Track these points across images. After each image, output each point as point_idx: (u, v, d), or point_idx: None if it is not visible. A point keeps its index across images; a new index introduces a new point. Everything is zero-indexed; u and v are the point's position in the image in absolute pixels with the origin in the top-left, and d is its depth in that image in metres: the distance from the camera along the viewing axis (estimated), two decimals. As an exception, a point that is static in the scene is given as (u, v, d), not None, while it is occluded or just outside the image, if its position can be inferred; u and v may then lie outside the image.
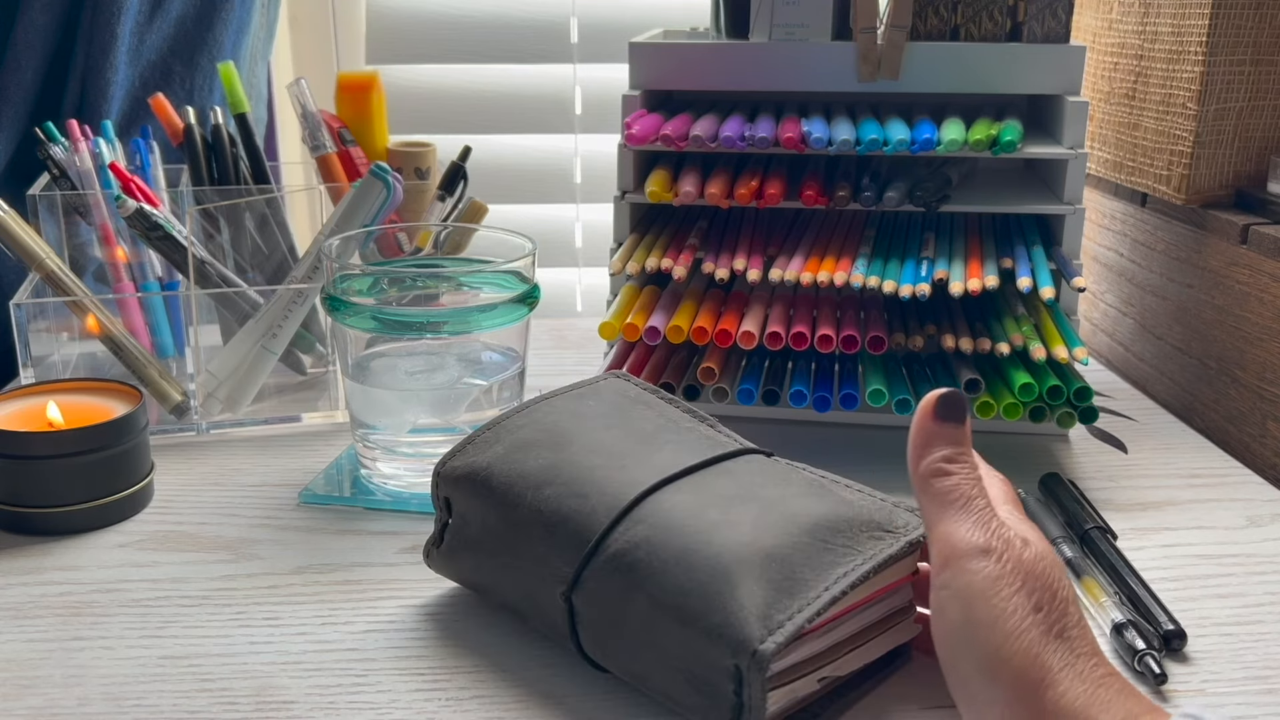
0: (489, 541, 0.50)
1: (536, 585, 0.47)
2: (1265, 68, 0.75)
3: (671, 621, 0.43)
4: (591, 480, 0.48)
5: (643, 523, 0.45)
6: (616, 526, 0.46)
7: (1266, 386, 0.70)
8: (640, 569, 0.44)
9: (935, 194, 0.69)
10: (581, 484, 0.48)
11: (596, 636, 0.46)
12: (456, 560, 0.52)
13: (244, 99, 0.78)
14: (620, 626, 0.45)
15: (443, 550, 0.52)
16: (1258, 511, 0.62)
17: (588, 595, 0.45)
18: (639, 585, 0.44)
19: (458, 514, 0.51)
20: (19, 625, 0.51)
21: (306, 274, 0.71)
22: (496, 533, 0.49)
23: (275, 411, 0.73)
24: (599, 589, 0.45)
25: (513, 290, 0.62)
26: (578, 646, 0.47)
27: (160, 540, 0.59)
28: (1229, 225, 0.74)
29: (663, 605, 0.43)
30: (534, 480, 0.49)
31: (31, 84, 0.86)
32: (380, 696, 0.46)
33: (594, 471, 0.48)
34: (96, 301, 0.70)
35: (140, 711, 0.45)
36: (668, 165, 0.73)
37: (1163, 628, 0.49)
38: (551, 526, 0.47)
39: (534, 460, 0.50)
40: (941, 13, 0.73)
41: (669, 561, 0.44)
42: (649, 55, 0.74)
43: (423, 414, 0.61)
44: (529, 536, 0.48)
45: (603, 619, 0.45)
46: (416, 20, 1.08)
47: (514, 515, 0.48)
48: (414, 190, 0.81)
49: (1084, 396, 0.64)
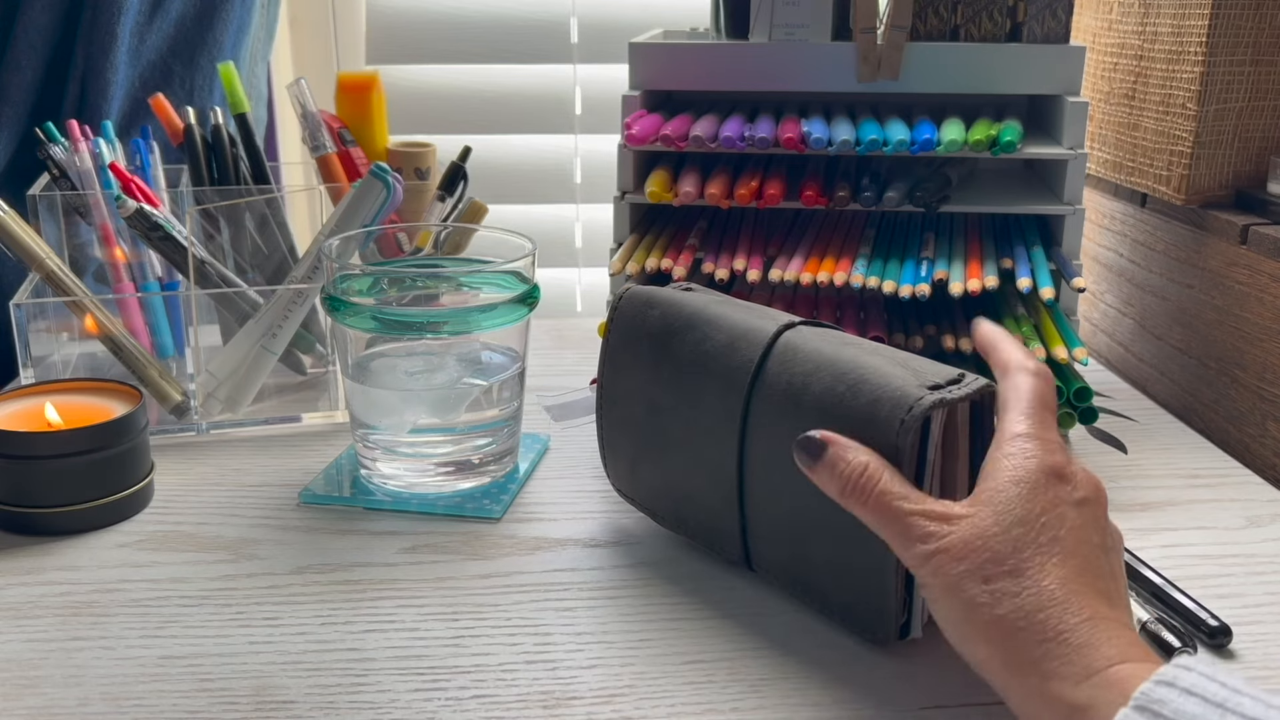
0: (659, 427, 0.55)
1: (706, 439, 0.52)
2: (1265, 68, 0.75)
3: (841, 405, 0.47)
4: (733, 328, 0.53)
5: (787, 351, 0.50)
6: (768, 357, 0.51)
7: (1266, 386, 0.70)
8: (799, 383, 0.49)
9: (935, 194, 0.69)
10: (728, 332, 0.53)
11: (765, 473, 0.50)
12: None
13: (244, 99, 0.78)
14: (794, 435, 0.47)
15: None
16: (1258, 511, 0.62)
17: (757, 423, 0.50)
18: (804, 391, 0.48)
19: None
20: (19, 625, 0.51)
21: (306, 274, 0.71)
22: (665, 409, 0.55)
23: (275, 411, 0.73)
24: (765, 416, 0.50)
25: (513, 290, 0.62)
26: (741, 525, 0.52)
27: (160, 540, 0.59)
28: (1229, 225, 0.74)
29: (831, 393, 0.47)
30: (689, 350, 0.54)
31: (31, 84, 0.86)
32: (380, 696, 0.46)
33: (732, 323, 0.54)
34: (96, 301, 0.70)
35: (140, 711, 0.45)
36: (668, 165, 0.73)
37: (1207, 624, 0.50)
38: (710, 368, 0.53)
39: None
40: (941, 13, 0.73)
41: (815, 368, 0.49)
42: (649, 55, 0.74)
43: (423, 414, 0.61)
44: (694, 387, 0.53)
45: (771, 449, 0.49)
46: (416, 20, 1.08)
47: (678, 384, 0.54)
48: (414, 190, 0.81)
49: (1084, 397, 0.64)
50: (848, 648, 0.49)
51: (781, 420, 0.49)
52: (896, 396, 0.46)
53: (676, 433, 0.55)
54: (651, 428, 0.56)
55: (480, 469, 0.63)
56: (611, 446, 0.59)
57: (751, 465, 0.51)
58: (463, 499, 0.62)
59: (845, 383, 0.47)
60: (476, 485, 0.63)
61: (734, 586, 0.54)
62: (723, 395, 0.52)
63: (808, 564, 0.50)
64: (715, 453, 0.53)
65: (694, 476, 0.54)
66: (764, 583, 0.54)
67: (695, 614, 0.52)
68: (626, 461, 0.59)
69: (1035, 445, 0.43)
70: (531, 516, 0.61)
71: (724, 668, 0.48)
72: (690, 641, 0.50)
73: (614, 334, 0.58)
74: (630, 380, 0.57)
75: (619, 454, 0.59)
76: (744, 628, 0.51)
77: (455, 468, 0.63)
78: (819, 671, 0.48)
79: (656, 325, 0.56)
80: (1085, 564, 0.41)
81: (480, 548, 0.58)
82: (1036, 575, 0.40)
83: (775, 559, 0.52)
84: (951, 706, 0.45)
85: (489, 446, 0.63)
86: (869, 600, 0.48)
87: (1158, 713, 0.34)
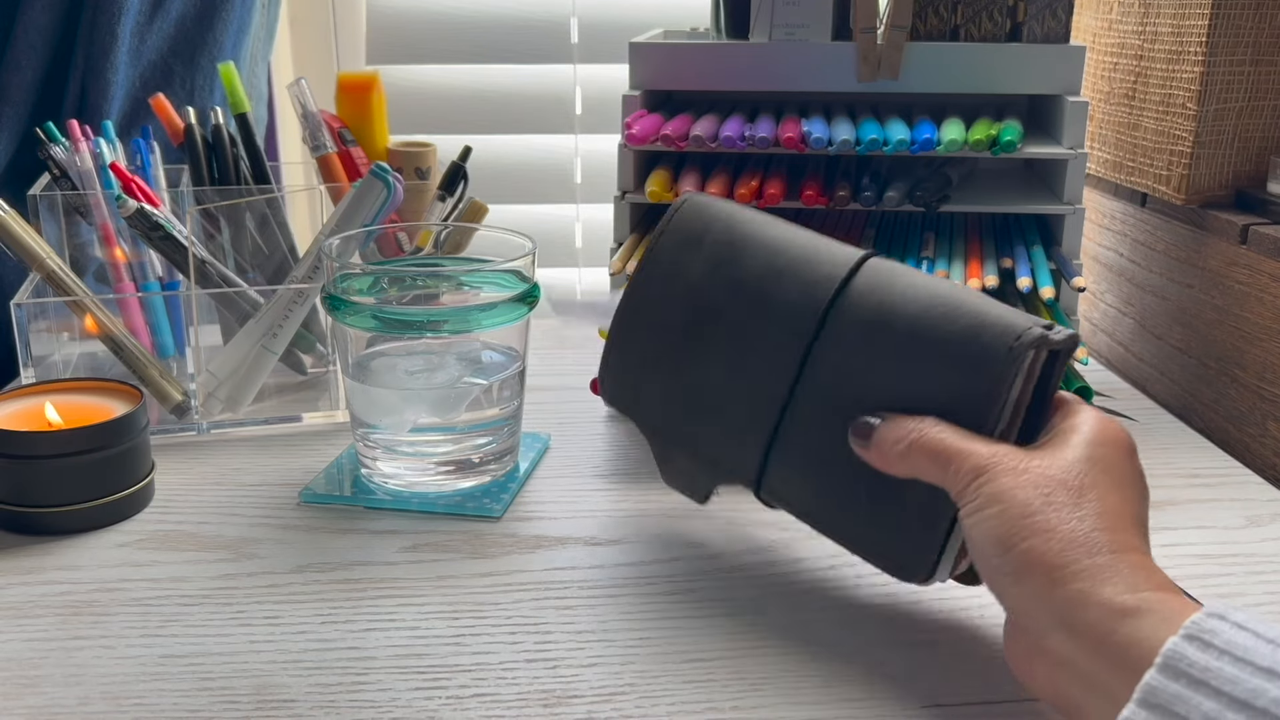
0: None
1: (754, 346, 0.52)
2: (1265, 68, 0.75)
3: (933, 330, 0.47)
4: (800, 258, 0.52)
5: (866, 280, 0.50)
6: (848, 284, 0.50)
7: (1266, 386, 0.70)
8: (886, 304, 0.48)
9: (935, 194, 0.69)
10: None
11: (824, 394, 0.49)
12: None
13: (244, 99, 0.78)
14: (873, 358, 0.48)
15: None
16: (1258, 511, 0.62)
17: (831, 341, 0.49)
18: (893, 312, 0.48)
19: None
20: (19, 625, 0.51)
21: (307, 274, 0.71)
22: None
23: (275, 411, 0.73)
24: (844, 333, 0.49)
25: (513, 290, 0.62)
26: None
27: (160, 540, 0.59)
28: (1229, 225, 0.74)
29: (923, 318, 0.47)
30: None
31: (32, 84, 0.86)
32: (381, 695, 0.46)
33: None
34: (97, 301, 0.70)
35: (140, 711, 0.45)
36: (668, 165, 0.73)
37: None
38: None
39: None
40: (941, 13, 0.73)
41: (911, 289, 0.48)
42: (649, 55, 0.74)
43: (423, 413, 0.61)
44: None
45: (841, 369, 0.49)
46: (416, 20, 1.08)
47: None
48: (414, 190, 0.81)
49: (1084, 396, 0.64)
50: (848, 647, 0.49)
51: (863, 340, 0.48)
52: (1003, 325, 0.45)
53: (722, 342, 0.53)
54: (690, 334, 0.54)
55: (480, 468, 0.63)
56: (624, 352, 0.57)
57: (808, 383, 0.50)
58: (463, 498, 0.62)
59: (942, 308, 0.47)
60: (477, 484, 0.63)
61: (734, 585, 0.54)
62: (793, 309, 0.50)
63: (844, 494, 0.49)
64: (765, 366, 0.51)
65: (728, 390, 0.52)
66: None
67: (695, 613, 0.52)
68: (639, 370, 0.56)
69: (1095, 414, 0.45)
70: (532, 515, 0.61)
71: (724, 666, 0.48)
72: (690, 640, 0.50)
73: (670, 236, 0.56)
74: (677, 285, 0.55)
75: (630, 361, 0.56)
76: (744, 627, 0.51)
77: (456, 467, 0.63)
78: (819, 671, 0.48)
79: (723, 233, 0.54)
80: (1140, 509, 0.42)
81: (481, 546, 0.58)
82: (1096, 499, 0.41)
83: (800, 486, 0.51)
84: (951, 706, 0.45)
85: (489, 445, 0.63)
86: (910, 537, 0.47)
87: (1208, 642, 0.34)
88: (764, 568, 0.56)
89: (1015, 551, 0.40)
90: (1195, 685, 0.34)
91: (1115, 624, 0.37)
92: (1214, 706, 0.33)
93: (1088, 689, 0.38)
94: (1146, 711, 0.34)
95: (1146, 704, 0.34)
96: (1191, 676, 0.34)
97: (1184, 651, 0.34)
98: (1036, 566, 0.40)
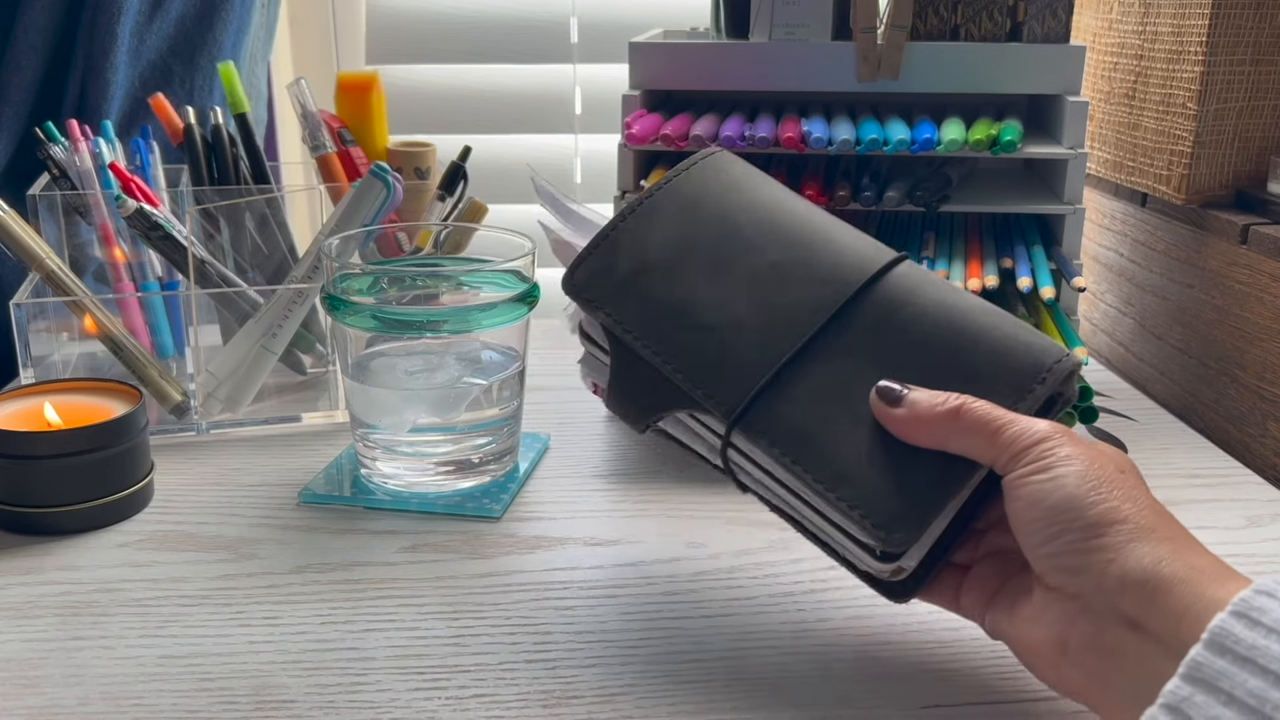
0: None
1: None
2: (1265, 68, 0.75)
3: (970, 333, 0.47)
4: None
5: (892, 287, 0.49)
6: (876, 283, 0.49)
7: (1266, 386, 0.70)
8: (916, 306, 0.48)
9: (935, 194, 0.69)
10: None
11: (859, 347, 0.48)
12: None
13: (244, 99, 0.78)
14: (903, 350, 0.47)
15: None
16: (1258, 511, 0.62)
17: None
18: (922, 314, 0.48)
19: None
20: (19, 625, 0.51)
21: (306, 274, 0.71)
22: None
23: (275, 411, 0.73)
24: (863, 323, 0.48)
25: (512, 289, 0.62)
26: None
27: (160, 540, 0.59)
28: (1229, 225, 0.74)
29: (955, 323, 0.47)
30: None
31: (31, 84, 0.86)
32: (380, 695, 0.46)
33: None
34: (96, 301, 0.70)
35: (140, 711, 0.45)
36: (668, 165, 0.73)
37: None
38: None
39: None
40: (941, 13, 0.73)
41: (940, 297, 0.48)
42: (649, 55, 0.74)
43: (423, 413, 0.61)
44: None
45: (881, 338, 0.48)
46: (416, 20, 1.08)
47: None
48: (414, 190, 0.81)
49: (1084, 396, 0.64)
50: (848, 647, 0.49)
51: (905, 331, 0.48)
52: (1043, 344, 0.46)
53: (743, 273, 0.50)
54: (707, 254, 0.51)
55: (480, 468, 0.63)
56: (618, 247, 0.53)
57: (844, 331, 0.48)
58: (463, 498, 0.62)
59: (986, 317, 0.47)
60: (476, 484, 0.63)
61: (734, 586, 0.54)
62: (842, 267, 0.49)
63: (844, 444, 0.46)
64: (791, 307, 0.49)
65: (739, 318, 0.49)
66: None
67: (695, 613, 0.52)
68: (633, 270, 0.52)
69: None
70: (531, 516, 0.61)
71: (724, 666, 0.48)
72: (690, 640, 0.50)
73: (702, 169, 0.54)
74: (704, 210, 0.52)
75: (626, 260, 0.52)
76: (744, 627, 0.51)
77: (455, 467, 0.63)
78: (819, 671, 0.48)
79: (761, 183, 0.54)
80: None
81: (480, 547, 0.58)
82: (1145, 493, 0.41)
83: (791, 426, 0.47)
84: (951, 706, 0.45)
85: (489, 445, 0.63)
86: (908, 495, 0.44)
87: (1256, 620, 0.34)
88: (764, 568, 0.56)
89: (1094, 511, 0.39)
90: (1241, 662, 0.34)
91: (1204, 586, 0.37)
92: (1259, 684, 0.33)
93: (1138, 662, 0.37)
94: (1191, 686, 0.34)
95: (1191, 679, 0.34)
96: (1237, 653, 0.34)
97: (1231, 628, 0.34)
98: (1123, 524, 0.39)
